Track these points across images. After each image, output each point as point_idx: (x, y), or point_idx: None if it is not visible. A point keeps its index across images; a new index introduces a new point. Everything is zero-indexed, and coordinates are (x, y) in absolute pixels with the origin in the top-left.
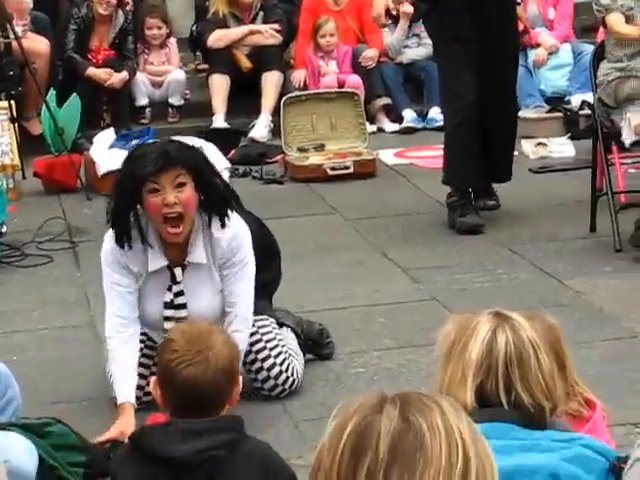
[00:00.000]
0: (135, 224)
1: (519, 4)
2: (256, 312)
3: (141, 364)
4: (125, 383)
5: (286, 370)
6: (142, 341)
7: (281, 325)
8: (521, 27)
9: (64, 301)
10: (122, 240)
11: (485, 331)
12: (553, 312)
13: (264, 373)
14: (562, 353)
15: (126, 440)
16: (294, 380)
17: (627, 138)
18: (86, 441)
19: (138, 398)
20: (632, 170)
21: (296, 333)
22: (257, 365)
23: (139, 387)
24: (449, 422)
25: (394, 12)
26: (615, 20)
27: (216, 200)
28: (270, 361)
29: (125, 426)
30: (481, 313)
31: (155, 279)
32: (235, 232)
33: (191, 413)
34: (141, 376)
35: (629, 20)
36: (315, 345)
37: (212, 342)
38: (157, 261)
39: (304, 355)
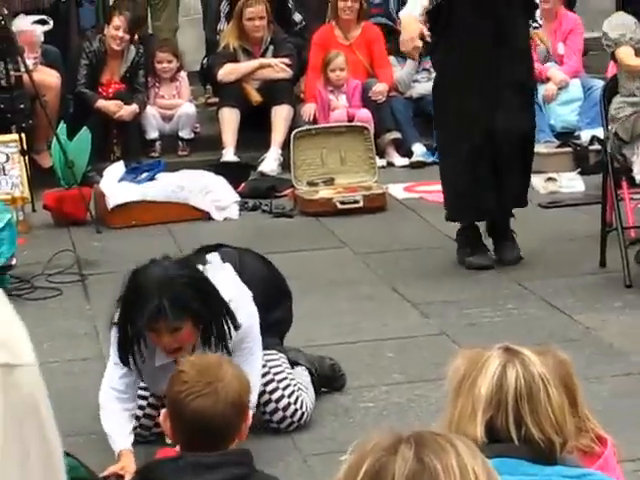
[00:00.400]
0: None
1: (537, 28)
2: (266, 348)
3: (153, 394)
4: (120, 434)
5: (295, 402)
6: None
7: (296, 364)
8: (542, 46)
9: (73, 334)
10: (126, 360)
11: (495, 366)
12: (563, 347)
13: (272, 405)
14: (573, 388)
15: (127, 476)
16: (303, 413)
17: (638, 173)
18: (95, 475)
19: (149, 428)
20: None
21: (310, 372)
22: (265, 398)
23: (150, 417)
24: (464, 462)
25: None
26: (625, 54)
27: (218, 326)
28: (278, 393)
29: (126, 463)
30: (491, 348)
31: (162, 370)
32: (242, 325)
33: (200, 446)
34: (152, 407)
35: (639, 53)
36: (329, 380)
37: (222, 374)
38: (164, 356)
39: (318, 389)
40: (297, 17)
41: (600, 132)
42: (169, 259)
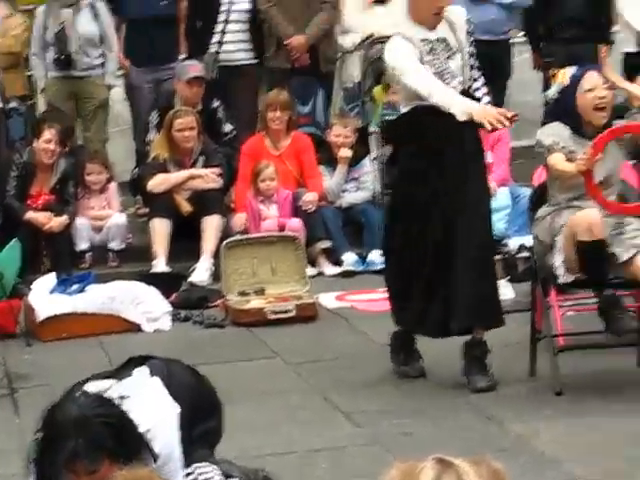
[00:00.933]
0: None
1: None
2: (198, 460)
3: None
4: None
5: None
6: None
7: (229, 477)
8: None
9: (2, 449)
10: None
11: (429, 478)
12: (496, 456)
13: None
14: None
15: None
16: None
17: (560, 272)
18: None
19: None
20: (570, 313)
21: None
22: None
23: None
24: None
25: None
26: (556, 159)
27: (137, 460)
28: None
29: None
30: (425, 460)
31: None
32: (160, 454)
33: None
34: None
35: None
36: None
37: None
38: None
39: None
40: (227, 127)
41: (528, 240)
42: (86, 394)
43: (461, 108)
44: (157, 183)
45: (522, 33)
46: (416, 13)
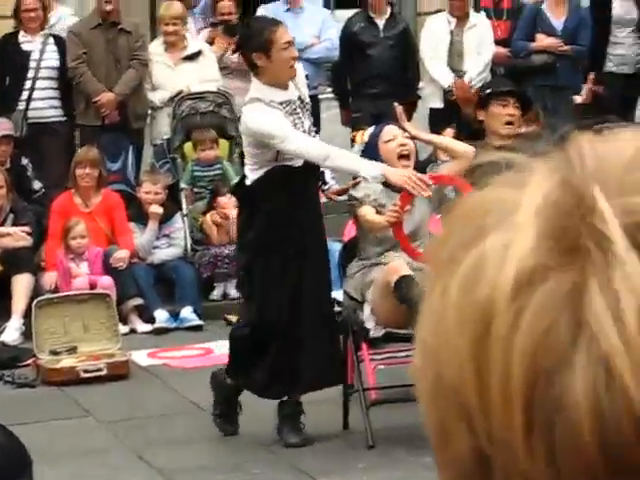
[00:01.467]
0: None
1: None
2: None
3: None
4: None
5: None
6: None
7: None
8: None
9: None
10: None
11: None
12: None
13: None
14: None
15: None
16: None
17: (370, 326)
18: None
19: None
20: (382, 366)
21: None
22: None
23: None
24: None
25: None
26: (366, 211)
27: None
28: None
29: None
30: None
31: None
32: None
33: None
34: None
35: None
36: None
37: None
38: None
39: None
40: (36, 185)
41: (339, 294)
42: None
43: (372, 171)
44: None
45: (330, 89)
46: (271, 74)
